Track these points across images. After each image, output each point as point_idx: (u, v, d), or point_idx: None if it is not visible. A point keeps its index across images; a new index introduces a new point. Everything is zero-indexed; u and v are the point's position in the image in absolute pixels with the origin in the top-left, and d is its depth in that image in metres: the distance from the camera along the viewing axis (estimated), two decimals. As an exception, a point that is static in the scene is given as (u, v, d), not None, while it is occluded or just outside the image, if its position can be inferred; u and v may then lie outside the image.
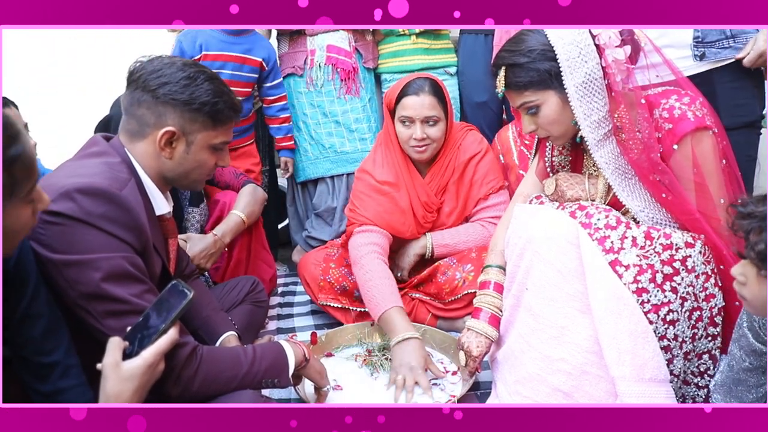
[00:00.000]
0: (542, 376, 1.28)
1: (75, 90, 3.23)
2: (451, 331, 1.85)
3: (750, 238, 0.92)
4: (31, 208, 0.87)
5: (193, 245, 1.76)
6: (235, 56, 2.23)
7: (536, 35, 1.28)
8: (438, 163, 1.96)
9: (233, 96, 1.24)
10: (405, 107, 1.84)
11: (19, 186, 0.82)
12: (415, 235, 1.96)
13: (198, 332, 1.45)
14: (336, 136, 2.45)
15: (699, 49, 1.80)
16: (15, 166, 0.81)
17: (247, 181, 1.99)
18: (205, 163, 1.23)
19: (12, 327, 0.97)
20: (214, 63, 2.19)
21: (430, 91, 1.83)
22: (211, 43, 2.20)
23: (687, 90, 1.31)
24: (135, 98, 1.16)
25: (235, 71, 2.23)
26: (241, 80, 2.26)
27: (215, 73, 1.23)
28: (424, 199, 1.95)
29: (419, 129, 1.84)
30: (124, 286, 1.04)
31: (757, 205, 0.92)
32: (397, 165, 1.94)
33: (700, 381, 1.30)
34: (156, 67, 1.16)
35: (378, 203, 1.91)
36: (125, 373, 0.94)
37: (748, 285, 0.94)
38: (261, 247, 2.04)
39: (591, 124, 1.28)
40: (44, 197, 0.91)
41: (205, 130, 1.19)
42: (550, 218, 1.31)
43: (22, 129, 0.85)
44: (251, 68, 2.27)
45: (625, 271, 1.21)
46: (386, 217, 1.89)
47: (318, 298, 1.96)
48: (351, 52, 2.42)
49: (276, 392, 1.54)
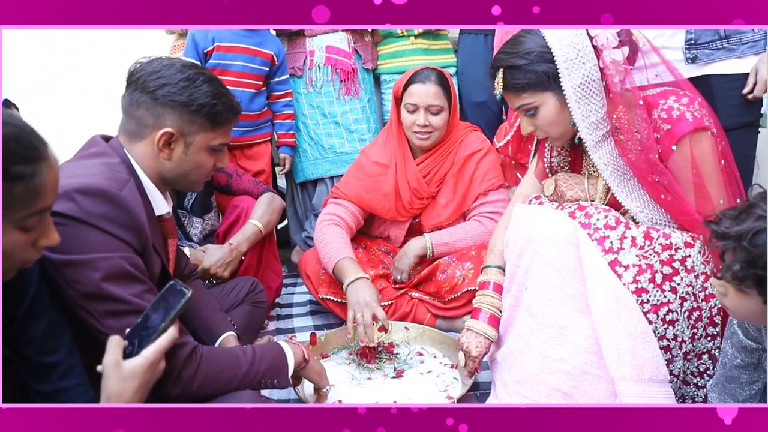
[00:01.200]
0: (542, 376, 1.28)
1: (75, 90, 3.23)
2: (450, 331, 1.85)
3: (725, 258, 0.92)
4: (27, 237, 0.84)
5: (210, 255, 1.77)
6: (247, 48, 2.25)
7: (534, 37, 1.28)
8: (434, 153, 2.01)
9: (232, 97, 1.24)
10: (411, 94, 1.91)
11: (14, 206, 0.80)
12: (396, 217, 2.04)
13: (197, 332, 1.45)
14: (335, 137, 2.46)
15: (691, 52, 1.80)
16: (15, 184, 0.79)
17: (266, 189, 1.99)
18: (204, 164, 1.24)
19: (14, 327, 0.97)
20: (227, 54, 2.21)
21: (436, 81, 1.91)
22: (224, 35, 2.21)
23: (685, 90, 1.31)
24: (134, 99, 1.17)
25: (246, 63, 2.25)
26: (253, 72, 2.28)
27: (214, 74, 1.23)
28: (414, 185, 2.00)
29: (423, 116, 1.90)
30: (123, 285, 1.04)
31: (733, 223, 0.91)
32: (393, 149, 2.01)
33: (700, 381, 1.30)
34: (155, 69, 1.16)
35: (361, 183, 2.02)
36: (126, 372, 0.94)
37: (729, 297, 0.94)
38: (272, 256, 2.04)
39: (589, 125, 1.28)
40: (52, 235, 0.88)
41: (203, 132, 1.20)
42: (549, 218, 1.31)
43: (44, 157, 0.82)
44: (262, 61, 2.29)
45: (625, 272, 1.21)
46: (364, 197, 2.01)
47: (318, 292, 1.97)
48: (350, 53, 2.43)
49: (275, 393, 1.54)
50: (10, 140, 0.79)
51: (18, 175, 0.79)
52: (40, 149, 0.83)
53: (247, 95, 2.28)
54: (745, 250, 0.88)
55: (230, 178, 2.01)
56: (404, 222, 2.08)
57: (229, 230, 1.96)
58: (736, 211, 0.93)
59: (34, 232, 0.85)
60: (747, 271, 0.88)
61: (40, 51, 3.28)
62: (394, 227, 2.10)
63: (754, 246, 0.87)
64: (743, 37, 1.78)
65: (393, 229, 2.11)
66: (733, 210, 0.93)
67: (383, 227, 2.13)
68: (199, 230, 1.99)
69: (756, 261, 0.87)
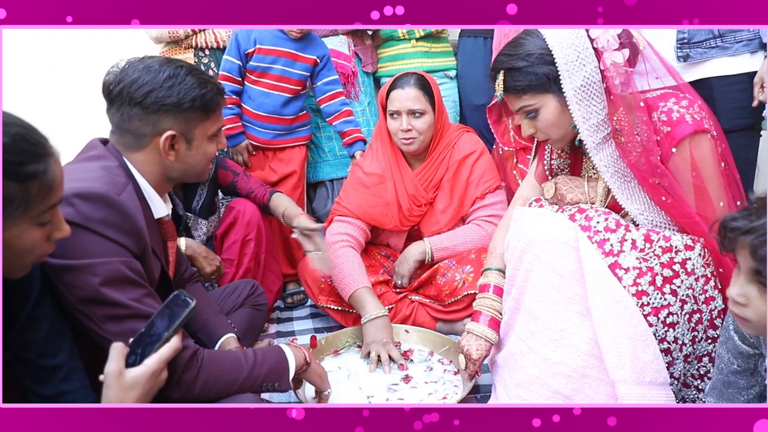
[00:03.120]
0: (542, 379, 1.28)
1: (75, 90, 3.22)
2: (450, 334, 1.85)
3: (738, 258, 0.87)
4: (43, 231, 0.87)
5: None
6: (289, 52, 2.20)
7: (534, 39, 1.28)
8: (429, 158, 2.00)
9: (215, 80, 1.23)
10: (392, 101, 1.93)
11: (31, 205, 0.82)
12: (399, 227, 2.03)
13: (197, 335, 1.45)
14: (335, 140, 2.46)
15: (683, 50, 1.80)
16: (31, 183, 0.81)
17: (274, 192, 1.97)
18: (208, 152, 1.24)
19: (16, 329, 0.97)
20: (267, 57, 2.18)
21: (415, 85, 1.91)
22: (266, 37, 2.18)
23: (685, 93, 1.32)
24: (124, 114, 1.14)
25: (286, 67, 2.20)
26: (292, 77, 2.22)
27: (190, 63, 1.21)
28: (412, 192, 1.99)
29: (405, 121, 1.90)
30: (123, 290, 1.04)
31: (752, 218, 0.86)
32: (387, 158, 2.01)
33: (700, 384, 1.30)
34: (134, 77, 1.13)
35: (361, 196, 2.00)
36: (128, 382, 0.94)
37: (751, 305, 0.87)
38: (271, 258, 2.04)
39: (590, 127, 1.28)
40: (64, 227, 0.90)
41: (201, 123, 1.19)
42: (549, 221, 1.31)
43: (51, 152, 0.85)
44: (303, 65, 2.23)
45: (625, 274, 1.21)
46: (368, 210, 1.99)
47: (318, 300, 1.97)
48: (350, 56, 2.43)
49: (276, 396, 1.54)
50: (19, 140, 0.81)
51: (32, 173, 0.81)
52: (46, 145, 0.84)
53: (280, 99, 2.22)
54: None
55: (236, 177, 1.99)
56: (404, 231, 2.07)
57: (226, 233, 1.95)
58: (746, 210, 0.88)
59: (49, 226, 0.88)
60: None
61: (40, 51, 3.27)
62: (393, 236, 2.10)
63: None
64: (737, 36, 1.78)
65: (392, 238, 2.10)
66: (745, 209, 0.89)
67: (383, 236, 2.13)
68: (204, 231, 1.98)
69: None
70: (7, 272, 0.88)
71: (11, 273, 0.89)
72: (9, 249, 0.84)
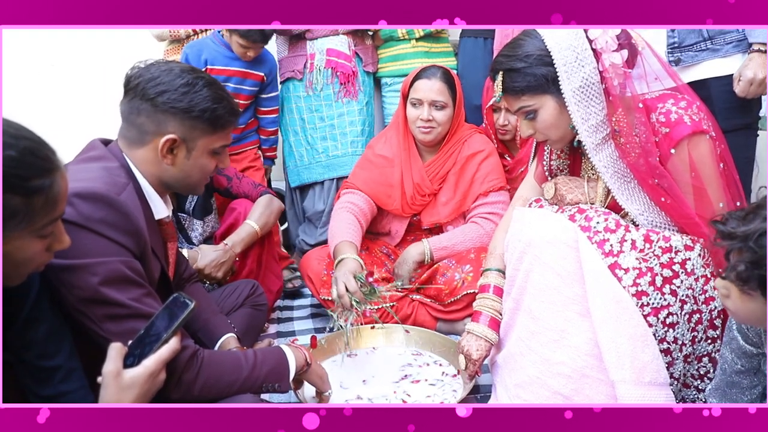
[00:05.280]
0: (542, 379, 1.28)
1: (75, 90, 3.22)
2: (450, 334, 1.85)
3: (730, 259, 0.92)
4: (43, 243, 0.87)
5: (204, 256, 1.77)
6: (239, 71, 2.30)
7: (533, 40, 1.28)
8: (441, 151, 2.05)
9: (232, 100, 1.24)
10: (416, 90, 1.97)
11: (35, 219, 0.82)
12: (400, 212, 2.08)
13: (197, 335, 1.45)
14: (330, 140, 2.47)
15: (674, 55, 1.80)
16: (36, 197, 0.81)
17: (265, 192, 2.00)
18: (206, 167, 1.24)
19: (15, 330, 0.97)
20: (218, 77, 2.21)
21: (441, 78, 1.97)
22: (216, 58, 2.27)
23: (684, 94, 1.31)
24: (134, 107, 1.16)
25: (238, 85, 2.31)
26: (243, 93, 2.34)
27: (213, 78, 1.22)
28: (417, 180, 2.04)
29: (426, 110, 1.96)
30: (122, 290, 1.04)
31: (739, 224, 0.90)
32: (399, 145, 2.06)
33: (700, 384, 1.30)
34: (154, 75, 1.15)
35: (369, 172, 2.09)
36: (126, 382, 0.94)
37: (732, 298, 0.94)
38: (272, 259, 2.04)
39: (589, 128, 1.28)
40: (64, 238, 0.91)
41: (205, 136, 1.20)
42: (549, 222, 1.31)
43: (58, 166, 0.85)
44: (253, 82, 2.35)
45: (625, 275, 1.21)
46: (374, 186, 2.07)
47: (320, 293, 1.98)
48: (351, 56, 2.44)
49: (276, 396, 1.54)
50: (27, 155, 0.81)
51: (38, 188, 0.81)
52: (54, 159, 0.84)
53: None
54: (751, 250, 0.87)
55: (230, 181, 2.02)
56: (405, 218, 2.11)
57: (226, 233, 1.95)
58: (743, 212, 0.92)
59: (50, 238, 0.88)
60: (751, 272, 0.88)
61: (40, 51, 3.27)
62: (396, 221, 2.13)
63: (759, 247, 0.86)
64: (727, 37, 1.78)
65: (395, 223, 2.14)
66: (741, 211, 0.93)
67: (386, 221, 2.16)
68: (199, 232, 1.99)
69: (761, 262, 0.86)
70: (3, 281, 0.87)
71: (7, 281, 0.88)
72: (8, 260, 0.84)
